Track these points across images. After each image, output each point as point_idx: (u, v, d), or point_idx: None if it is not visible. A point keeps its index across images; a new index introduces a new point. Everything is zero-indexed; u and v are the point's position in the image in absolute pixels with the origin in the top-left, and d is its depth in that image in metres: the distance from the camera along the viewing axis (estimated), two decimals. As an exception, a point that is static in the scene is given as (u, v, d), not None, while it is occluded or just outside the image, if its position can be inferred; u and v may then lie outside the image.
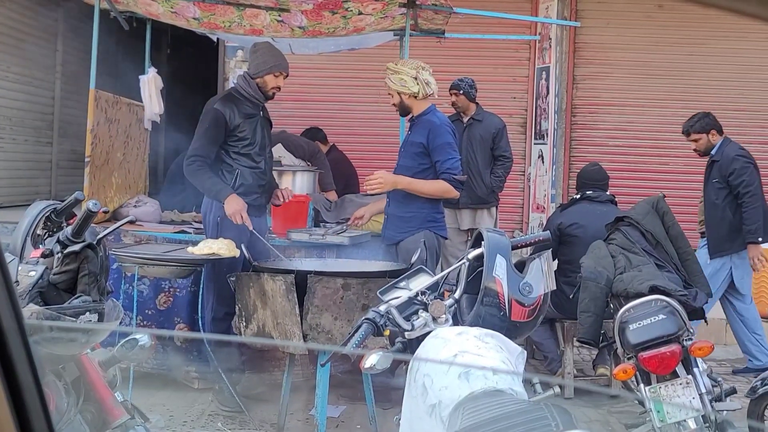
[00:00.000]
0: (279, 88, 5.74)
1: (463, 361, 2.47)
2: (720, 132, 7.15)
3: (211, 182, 5.56)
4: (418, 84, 5.56)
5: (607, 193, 6.49)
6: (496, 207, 7.89)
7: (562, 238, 6.26)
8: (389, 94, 5.76)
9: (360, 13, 6.48)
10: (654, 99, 10.23)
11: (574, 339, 6.09)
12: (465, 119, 7.78)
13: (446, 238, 5.93)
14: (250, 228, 5.45)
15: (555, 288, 3.12)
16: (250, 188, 5.67)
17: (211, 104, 5.71)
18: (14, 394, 0.80)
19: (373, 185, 5.52)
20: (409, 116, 5.77)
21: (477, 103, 7.84)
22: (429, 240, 5.52)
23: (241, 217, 5.44)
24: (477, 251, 3.04)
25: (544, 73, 10.12)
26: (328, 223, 6.66)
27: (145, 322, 5.92)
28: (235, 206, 5.46)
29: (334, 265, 5.45)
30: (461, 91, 7.69)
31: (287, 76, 5.78)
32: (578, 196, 6.42)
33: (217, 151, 5.65)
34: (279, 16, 6.54)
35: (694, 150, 7.24)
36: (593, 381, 6.44)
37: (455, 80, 7.78)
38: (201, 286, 5.59)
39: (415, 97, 5.60)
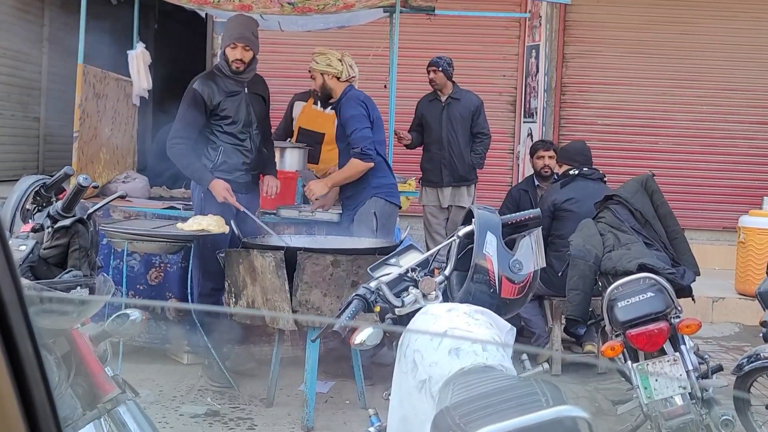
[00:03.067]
0: (241, 61, 5.58)
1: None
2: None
3: (193, 168, 5.60)
4: (342, 65, 5.82)
5: (600, 171, 6.51)
6: (475, 184, 7.94)
7: (556, 213, 6.27)
8: (312, 77, 6.02)
9: (350, -11, 6.45)
10: (644, 78, 10.25)
11: (562, 316, 6.12)
12: (443, 98, 7.78)
13: (398, 206, 6.04)
14: (240, 208, 5.45)
15: (545, 265, 3.14)
16: (233, 166, 5.67)
17: (192, 84, 5.69)
18: (15, 365, 0.80)
19: (309, 196, 5.83)
20: (332, 101, 5.99)
21: (453, 82, 7.83)
22: (379, 208, 5.73)
23: (227, 198, 5.49)
24: (467, 228, 3.05)
25: (533, 51, 10.11)
26: (316, 198, 6.64)
27: (136, 297, 5.91)
28: (219, 190, 5.49)
29: (323, 241, 5.47)
30: (440, 68, 7.69)
31: (248, 47, 5.61)
32: (576, 173, 6.38)
33: (200, 130, 5.64)
34: (269, -9, 6.50)
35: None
36: (581, 357, 6.49)
37: (434, 57, 7.77)
38: (190, 261, 5.59)
39: (338, 78, 5.82)
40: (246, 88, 5.72)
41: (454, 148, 7.70)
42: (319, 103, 7.18)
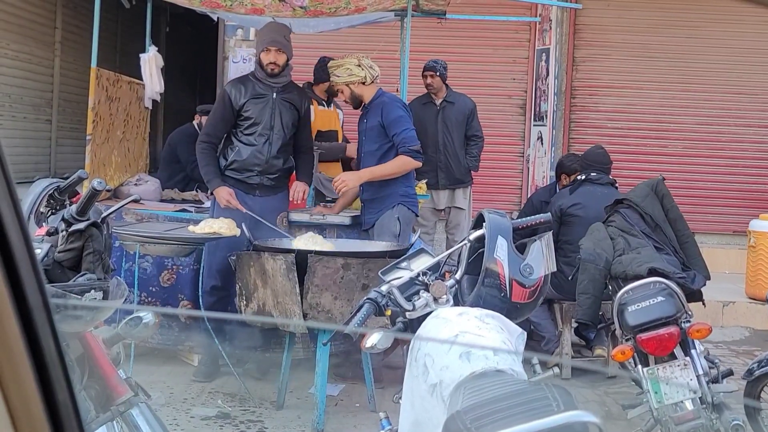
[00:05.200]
0: (275, 64, 5.77)
1: (464, 341, 2.50)
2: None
3: (206, 170, 5.78)
4: (363, 69, 5.77)
5: (609, 177, 6.50)
6: (471, 185, 7.95)
7: (563, 218, 6.29)
8: (339, 90, 5.96)
9: (362, -7, 6.47)
10: (653, 81, 10.24)
11: (572, 320, 6.12)
12: (437, 102, 7.78)
13: (417, 215, 6.09)
14: (243, 210, 5.54)
15: (555, 270, 3.14)
16: (244, 165, 5.78)
17: (225, 85, 5.87)
18: (39, 366, 0.83)
19: (340, 187, 5.71)
20: (362, 104, 5.93)
21: (447, 85, 7.84)
22: (403, 215, 5.75)
23: (230, 201, 5.60)
24: (478, 232, 3.06)
25: (544, 54, 10.12)
26: (327, 201, 6.66)
27: (149, 299, 5.95)
28: (222, 195, 5.64)
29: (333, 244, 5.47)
30: (437, 73, 7.69)
31: (281, 50, 5.77)
32: (582, 177, 6.41)
33: (224, 135, 5.87)
34: (281, -5, 6.52)
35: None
36: (590, 361, 6.48)
37: (429, 62, 7.77)
38: (202, 264, 5.62)
39: (364, 83, 5.80)
40: (275, 93, 5.80)
41: (449, 151, 7.72)
42: (324, 103, 7.22)
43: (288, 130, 5.88)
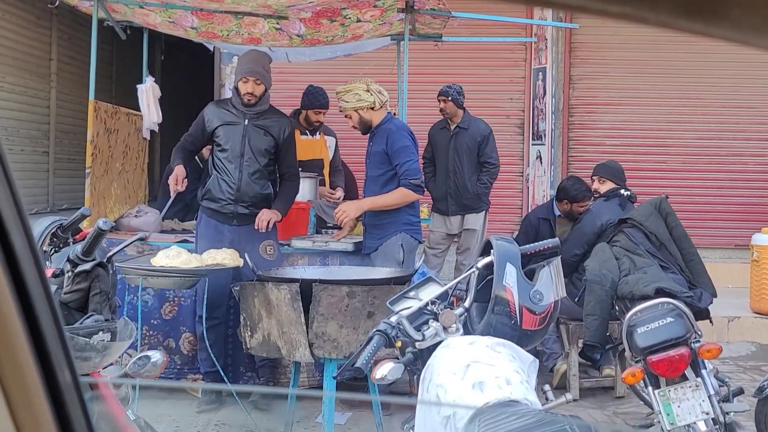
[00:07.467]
0: (252, 95, 5.70)
1: (476, 371, 2.47)
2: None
3: (174, 156, 5.91)
4: (372, 95, 5.73)
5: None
6: (486, 210, 7.85)
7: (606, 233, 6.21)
8: (347, 116, 5.89)
9: (358, 21, 6.47)
10: (651, 97, 10.26)
11: (579, 340, 6.08)
12: (451, 127, 7.73)
13: (421, 242, 6.04)
14: (172, 194, 5.74)
15: (565, 295, 3.12)
16: (215, 194, 5.75)
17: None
18: (55, 397, 0.82)
19: (341, 218, 5.76)
20: (370, 129, 5.88)
21: (464, 109, 7.79)
22: (407, 243, 5.71)
23: (173, 181, 5.68)
24: (486, 260, 3.04)
25: (540, 73, 10.14)
26: (329, 228, 6.64)
27: (151, 332, 5.91)
28: (175, 173, 5.72)
29: (337, 272, 5.44)
30: (450, 98, 7.63)
31: (259, 80, 5.71)
32: (628, 194, 6.36)
33: (197, 144, 6.05)
34: (277, 24, 6.52)
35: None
36: (598, 381, 6.43)
37: (443, 87, 7.72)
38: (204, 295, 5.59)
39: (372, 108, 5.75)
40: (247, 120, 5.75)
41: (459, 178, 7.65)
42: (308, 132, 7.18)
43: (260, 156, 5.77)
